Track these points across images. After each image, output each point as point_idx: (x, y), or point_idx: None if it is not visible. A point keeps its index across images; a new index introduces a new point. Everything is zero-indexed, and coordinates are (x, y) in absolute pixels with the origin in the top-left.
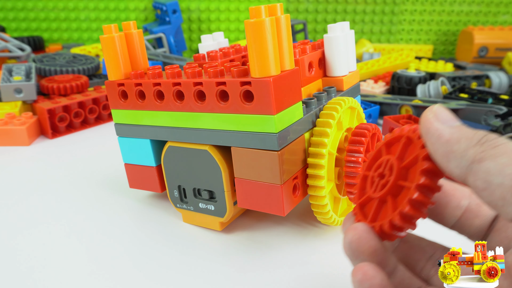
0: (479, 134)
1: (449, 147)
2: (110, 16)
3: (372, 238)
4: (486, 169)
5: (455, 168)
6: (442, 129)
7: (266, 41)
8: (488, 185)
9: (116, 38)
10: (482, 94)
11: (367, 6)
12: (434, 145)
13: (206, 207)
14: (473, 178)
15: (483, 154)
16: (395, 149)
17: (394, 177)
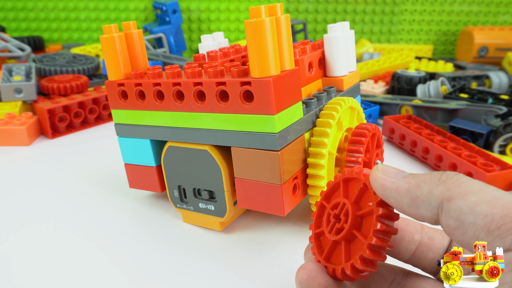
0: (435, 175)
1: (412, 195)
2: (110, 16)
3: (322, 277)
4: (457, 207)
5: (425, 212)
6: (397, 181)
7: (266, 41)
8: (461, 224)
9: (116, 38)
10: (482, 94)
11: (367, 6)
12: (396, 198)
13: (206, 207)
14: (445, 217)
15: (450, 193)
16: (352, 189)
17: (349, 225)
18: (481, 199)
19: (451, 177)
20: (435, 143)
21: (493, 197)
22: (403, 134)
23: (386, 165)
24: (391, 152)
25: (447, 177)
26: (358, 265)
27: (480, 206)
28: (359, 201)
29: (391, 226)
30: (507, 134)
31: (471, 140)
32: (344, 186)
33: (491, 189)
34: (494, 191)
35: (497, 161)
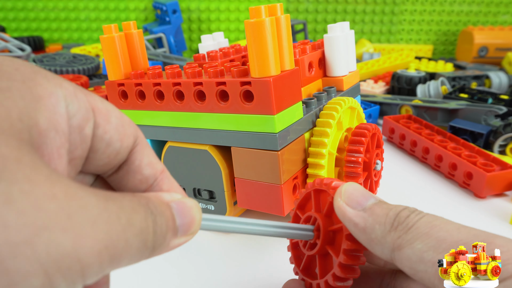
0: (390, 217)
1: (367, 235)
2: (110, 16)
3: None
4: (407, 256)
5: (381, 255)
6: (355, 216)
7: (266, 41)
8: (415, 272)
9: (116, 38)
10: (482, 94)
11: (367, 6)
12: (354, 232)
13: (206, 207)
14: (399, 264)
15: (400, 241)
16: (324, 201)
17: (321, 241)
18: (427, 246)
19: (403, 221)
20: (435, 143)
21: (437, 241)
22: (403, 134)
23: (352, 185)
24: (391, 152)
25: (399, 222)
26: (331, 282)
27: (426, 253)
28: (330, 214)
29: (361, 244)
30: (507, 134)
31: (471, 140)
32: (316, 197)
33: (437, 230)
34: (439, 232)
35: (497, 161)
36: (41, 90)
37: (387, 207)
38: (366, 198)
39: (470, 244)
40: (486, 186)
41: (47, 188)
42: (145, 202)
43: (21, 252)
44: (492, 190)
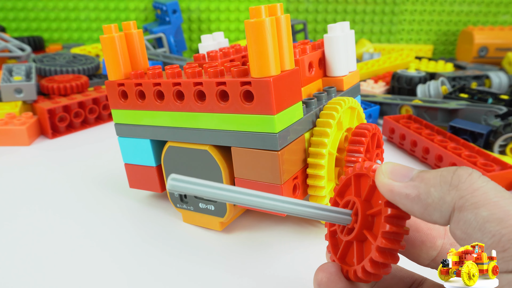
0: (445, 176)
1: (423, 202)
2: (110, 16)
3: (341, 281)
4: (467, 220)
5: (439, 219)
6: (405, 187)
7: (266, 41)
8: (467, 237)
9: (116, 38)
10: (482, 94)
11: (367, 6)
12: (407, 205)
13: (206, 207)
14: (454, 226)
15: (463, 202)
16: (364, 185)
17: (359, 225)
18: (493, 216)
19: (464, 180)
20: (435, 143)
21: (506, 214)
22: (403, 134)
23: (391, 163)
24: (391, 152)
25: (459, 180)
26: (368, 268)
27: (490, 223)
28: (370, 198)
29: (402, 227)
30: (507, 134)
31: (471, 140)
32: (356, 182)
33: (507, 202)
34: (510, 205)
35: (497, 161)
36: None
37: (437, 170)
38: (410, 170)
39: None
40: None
41: None
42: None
43: None
44: None
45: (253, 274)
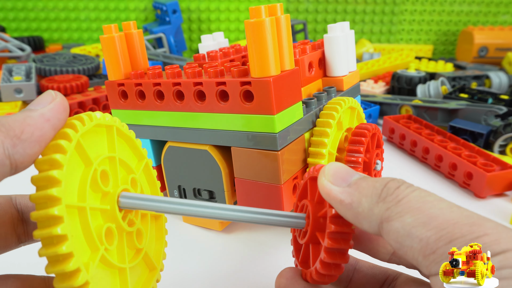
0: (377, 188)
1: (354, 210)
2: (110, 16)
3: (298, 284)
4: (395, 230)
5: (369, 229)
6: (341, 193)
7: (266, 41)
8: (400, 246)
9: (116, 38)
10: (482, 94)
11: (367, 6)
12: (340, 210)
13: None
14: (386, 237)
15: (388, 213)
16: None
17: (311, 227)
18: (417, 221)
19: (391, 192)
20: (435, 143)
21: (428, 218)
22: (403, 134)
23: (335, 164)
24: (391, 152)
25: (387, 193)
26: (320, 269)
27: (415, 228)
28: (321, 201)
29: (347, 226)
30: (507, 134)
31: (471, 140)
32: (311, 185)
33: (429, 206)
34: (432, 208)
35: (497, 161)
36: None
37: (373, 180)
38: (350, 175)
39: (462, 225)
40: (486, 186)
41: None
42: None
43: None
44: (492, 190)
45: (253, 274)
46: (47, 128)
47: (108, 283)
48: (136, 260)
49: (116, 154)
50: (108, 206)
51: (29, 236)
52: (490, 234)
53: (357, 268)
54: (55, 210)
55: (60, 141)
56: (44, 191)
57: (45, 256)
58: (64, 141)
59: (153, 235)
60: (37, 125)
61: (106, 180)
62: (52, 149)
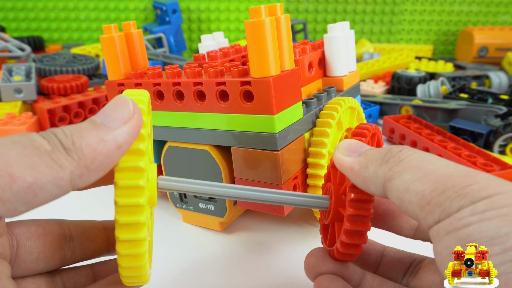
0: (381, 153)
1: (362, 175)
2: (110, 16)
3: (327, 261)
4: (396, 187)
5: (375, 191)
6: (351, 162)
7: (266, 41)
8: (401, 202)
9: (116, 38)
10: (482, 94)
11: (367, 6)
12: (351, 178)
13: (206, 207)
14: (390, 196)
15: (391, 173)
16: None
17: (333, 204)
18: (414, 177)
19: (394, 154)
20: (435, 143)
21: (425, 173)
22: (403, 134)
23: (349, 140)
24: None
25: (390, 156)
26: (340, 248)
27: (413, 184)
28: (342, 182)
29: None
30: (507, 134)
31: (471, 140)
32: (333, 172)
33: (427, 163)
34: (429, 165)
35: (497, 161)
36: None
37: (380, 148)
38: (361, 146)
39: (455, 177)
40: None
41: None
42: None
43: None
44: None
45: (253, 274)
46: (117, 156)
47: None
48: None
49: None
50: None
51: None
52: (480, 183)
53: (385, 253)
54: (140, 162)
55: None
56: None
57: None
58: (143, 145)
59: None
60: (108, 153)
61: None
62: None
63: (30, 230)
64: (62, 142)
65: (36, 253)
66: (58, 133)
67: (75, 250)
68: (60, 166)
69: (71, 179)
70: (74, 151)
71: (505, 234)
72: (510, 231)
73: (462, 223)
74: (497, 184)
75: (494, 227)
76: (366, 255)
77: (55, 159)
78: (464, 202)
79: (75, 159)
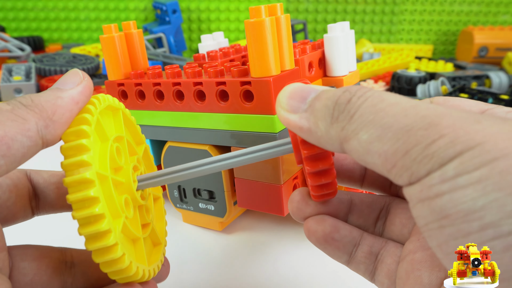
0: (329, 107)
1: (314, 135)
2: (110, 16)
3: (309, 203)
4: (355, 149)
5: (334, 150)
6: (298, 120)
7: (266, 41)
8: (365, 163)
9: (116, 38)
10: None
11: (367, 6)
12: (304, 137)
13: (206, 207)
14: (352, 156)
15: (345, 132)
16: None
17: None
18: (372, 136)
19: (343, 109)
20: None
21: (383, 129)
22: None
23: (289, 88)
24: None
25: (339, 111)
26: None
27: (372, 144)
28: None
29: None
30: None
31: None
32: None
33: (382, 115)
34: (385, 117)
35: None
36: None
37: (326, 96)
38: (304, 96)
39: (416, 130)
40: None
41: None
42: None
43: None
44: None
45: (253, 274)
46: (76, 111)
47: (129, 250)
48: (146, 234)
49: (124, 135)
50: (124, 179)
51: (40, 209)
52: (446, 135)
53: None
54: (87, 174)
55: (85, 115)
56: (76, 158)
57: (78, 219)
58: (88, 115)
59: (155, 213)
60: (67, 107)
61: (119, 155)
62: (77, 122)
63: (26, 252)
64: (21, 102)
65: (30, 275)
66: (17, 98)
67: (76, 276)
68: (24, 119)
69: (38, 129)
70: (34, 106)
71: (482, 208)
72: (486, 203)
73: (433, 192)
74: (467, 132)
75: (469, 199)
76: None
77: (17, 114)
78: (432, 165)
79: (37, 112)
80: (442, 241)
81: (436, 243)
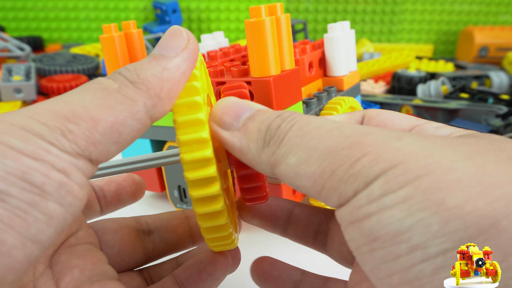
0: (262, 131)
1: (245, 157)
2: (110, 15)
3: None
4: (284, 173)
5: (266, 173)
6: (230, 138)
7: (266, 40)
8: (296, 187)
9: (116, 38)
10: (482, 94)
11: (368, 5)
12: (236, 155)
13: None
14: (283, 181)
15: (275, 157)
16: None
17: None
18: (299, 159)
19: (273, 134)
20: None
21: (308, 152)
22: None
23: (223, 102)
24: None
25: (270, 136)
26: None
27: (300, 167)
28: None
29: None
30: (507, 134)
31: None
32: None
33: (307, 138)
34: (310, 140)
35: None
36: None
37: (260, 118)
38: (238, 114)
39: (340, 150)
40: None
41: None
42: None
43: None
44: None
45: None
46: (183, 82)
47: (230, 217)
48: (231, 199)
49: (207, 91)
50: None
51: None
52: (369, 153)
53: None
54: (203, 134)
55: (194, 83)
56: (195, 134)
57: (193, 179)
58: (197, 83)
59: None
60: (174, 79)
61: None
62: (188, 92)
63: (105, 226)
64: (128, 77)
65: (116, 246)
66: (122, 71)
67: (156, 243)
68: (132, 100)
69: (146, 110)
70: (141, 83)
71: (408, 229)
72: (413, 223)
73: (362, 213)
74: (389, 150)
75: (395, 219)
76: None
77: (125, 95)
78: (358, 185)
79: (144, 90)
80: (374, 265)
81: (368, 267)
